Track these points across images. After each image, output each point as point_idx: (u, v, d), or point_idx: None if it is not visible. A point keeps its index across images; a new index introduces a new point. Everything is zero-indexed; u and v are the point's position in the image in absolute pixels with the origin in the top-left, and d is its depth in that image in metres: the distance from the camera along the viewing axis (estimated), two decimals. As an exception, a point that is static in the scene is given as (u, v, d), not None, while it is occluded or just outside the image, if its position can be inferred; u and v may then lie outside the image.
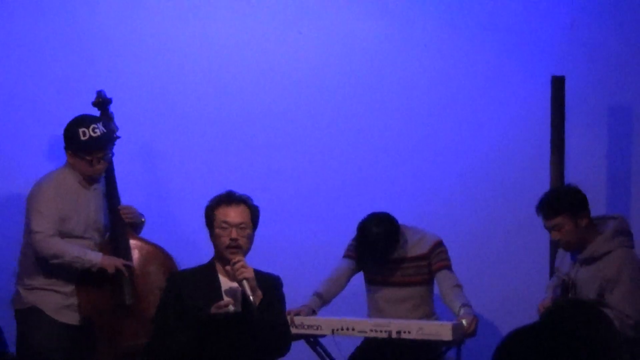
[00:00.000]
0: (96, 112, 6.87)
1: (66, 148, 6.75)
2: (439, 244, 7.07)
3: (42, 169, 6.92)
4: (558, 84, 7.30)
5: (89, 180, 6.79)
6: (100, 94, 6.92)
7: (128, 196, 7.05)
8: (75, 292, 6.69)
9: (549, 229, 6.45)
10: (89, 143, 6.68)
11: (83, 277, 6.67)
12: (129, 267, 6.71)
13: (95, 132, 6.70)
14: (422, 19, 7.83)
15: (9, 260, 6.95)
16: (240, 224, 6.02)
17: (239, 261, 5.92)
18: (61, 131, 6.74)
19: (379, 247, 6.98)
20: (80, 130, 6.69)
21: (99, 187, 6.85)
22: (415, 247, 7.07)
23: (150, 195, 7.76)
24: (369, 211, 7.06)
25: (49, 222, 6.64)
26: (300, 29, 7.84)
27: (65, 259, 6.63)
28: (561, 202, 6.41)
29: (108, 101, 6.91)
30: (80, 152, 6.68)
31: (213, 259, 6.13)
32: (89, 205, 6.79)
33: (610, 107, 7.80)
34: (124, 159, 7.09)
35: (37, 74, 7.70)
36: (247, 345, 5.48)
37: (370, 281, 7.14)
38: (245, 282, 5.89)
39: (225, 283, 6.05)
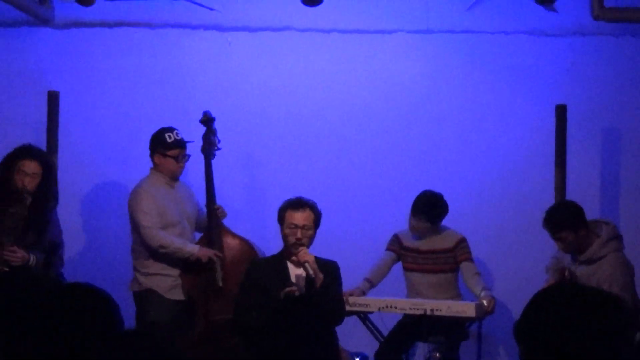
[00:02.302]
0: (202, 128, 6.97)
1: (154, 153, 6.84)
2: (463, 240, 7.06)
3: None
4: (561, 111, 7.30)
5: (173, 179, 6.86)
6: (206, 113, 6.99)
7: (226, 195, 7.15)
8: (180, 275, 6.78)
9: (555, 240, 6.42)
10: (174, 143, 6.81)
11: (185, 264, 6.77)
12: (219, 257, 6.77)
13: (178, 136, 6.85)
14: (452, 60, 7.83)
15: (123, 253, 7.05)
16: (305, 226, 6.06)
17: (302, 249, 5.99)
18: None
19: (428, 204, 6.96)
20: (167, 134, 6.83)
21: (181, 185, 6.92)
22: (444, 241, 7.06)
23: (245, 194, 7.82)
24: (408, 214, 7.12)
25: (153, 216, 6.71)
26: (357, 68, 7.89)
27: (170, 249, 6.71)
28: (563, 220, 6.34)
29: (212, 119, 6.98)
30: (169, 151, 6.79)
31: (283, 250, 6.18)
32: (177, 199, 6.86)
33: (604, 130, 7.74)
34: (224, 166, 7.19)
35: (160, 98, 7.82)
36: (311, 318, 5.57)
37: (407, 269, 7.13)
38: (307, 264, 5.96)
39: (292, 270, 6.12)
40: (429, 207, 6.97)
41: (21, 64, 7.93)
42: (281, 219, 6.15)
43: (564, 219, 6.35)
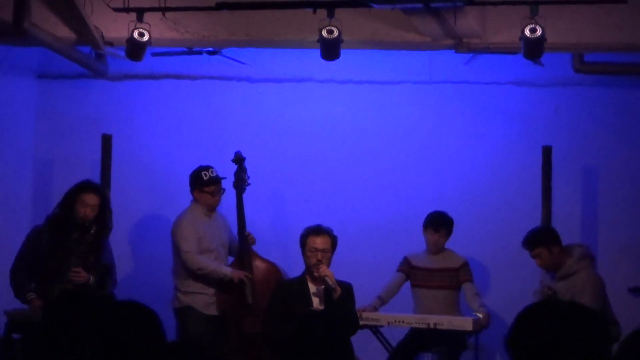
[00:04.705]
0: (234, 167, 6.98)
1: (193, 189, 6.84)
2: (466, 263, 7.06)
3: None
4: (546, 151, 7.28)
5: (210, 210, 6.86)
6: (237, 153, 7.03)
7: (255, 224, 7.15)
8: (215, 293, 6.77)
9: (533, 258, 6.51)
10: (210, 180, 6.81)
11: (219, 283, 6.75)
12: (249, 277, 6.76)
13: (213, 173, 6.84)
14: (451, 107, 7.85)
15: (165, 275, 7.05)
16: (324, 249, 6.09)
17: (322, 265, 6.02)
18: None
19: (444, 218, 7.00)
20: (203, 173, 6.84)
21: (217, 216, 6.92)
22: (450, 262, 7.04)
23: (271, 223, 7.81)
24: (415, 243, 7.10)
25: (192, 243, 6.71)
26: (369, 113, 7.91)
27: (206, 271, 6.71)
28: (536, 239, 6.50)
29: (243, 159, 7.01)
30: (205, 187, 6.78)
31: (304, 271, 6.18)
32: (213, 228, 6.85)
33: (584, 168, 7.74)
34: (253, 200, 7.19)
35: (199, 140, 7.87)
36: (330, 330, 5.54)
37: (416, 285, 7.09)
38: (327, 278, 5.98)
39: (312, 288, 6.13)
40: (447, 221, 7.00)
41: (80, 110, 8.01)
42: (303, 244, 6.16)
43: (536, 238, 6.48)
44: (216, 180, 6.83)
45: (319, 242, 6.10)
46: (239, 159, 6.99)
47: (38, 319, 3.40)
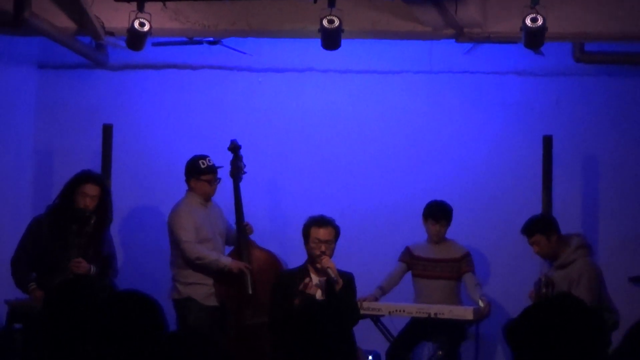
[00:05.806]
0: (230, 155, 6.96)
1: (189, 178, 6.80)
2: (468, 254, 7.07)
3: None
4: (547, 141, 7.27)
5: (207, 199, 6.82)
6: (233, 142, 7.01)
7: (252, 214, 7.15)
8: (214, 284, 6.74)
9: (531, 245, 6.55)
10: (208, 169, 6.77)
11: (218, 274, 6.73)
12: (249, 268, 6.75)
13: (210, 162, 6.81)
14: (451, 97, 7.85)
15: (162, 265, 7.04)
16: (328, 240, 6.07)
17: (324, 257, 6.01)
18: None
19: (444, 208, 7.01)
20: (200, 161, 6.80)
21: (213, 205, 6.90)
22: (451, 252, 7.05)
23: (269, 213, 7.81)
24: (415, 233, 7.11)
25: (191, 232, 6.68)
26: (369, 103, 7.92)
27: (206, 261, 6.68)
28: (535, 226, 6.54)
29: (239, 147, 6.99)
30: (203, 175, 6.75)
31: (306, 261, 6.17)
32: (210, 217, 6.82)
33: (584, 157, 7.73)
34: (251, 189, 7.19)
35: (199, 129, 7.86)
36: (332, 320, 5.56)
37: (417, 275, 7.10)
38: (329, 270, 5.97)
39: (315, 278, 6.11)
40: (447, 210, 7.01)
41: (80, 100, 8.01)
42: (306, 235, 6.13)
43: (535, 225, 6.54)
44: (213, 169, 6.81)
45: (323, 233, 6.07)
46: (234, 147, 6.97)
47: (39, 309, 3.39)
